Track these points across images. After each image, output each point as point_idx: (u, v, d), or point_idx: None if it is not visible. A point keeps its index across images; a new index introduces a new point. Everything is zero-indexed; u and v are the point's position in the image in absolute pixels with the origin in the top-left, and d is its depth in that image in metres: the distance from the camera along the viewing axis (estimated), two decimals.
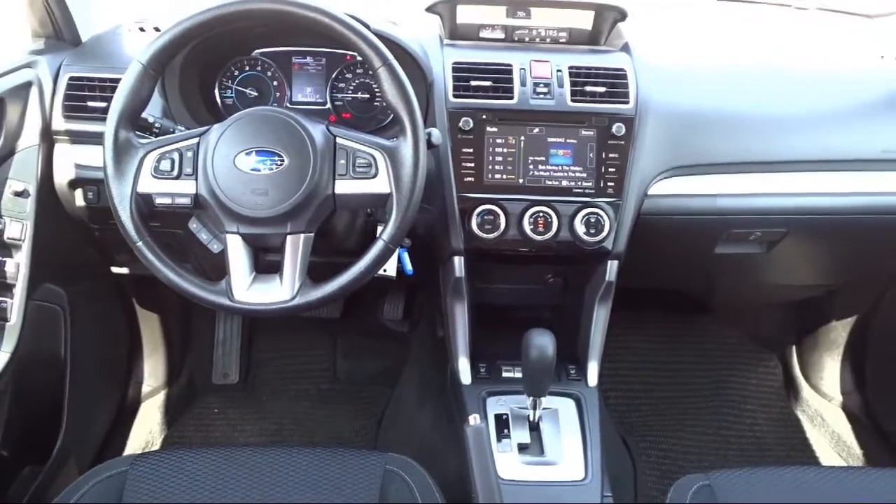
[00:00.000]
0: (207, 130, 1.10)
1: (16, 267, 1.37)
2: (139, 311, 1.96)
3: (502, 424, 1.34)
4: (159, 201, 1.09)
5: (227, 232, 1.09)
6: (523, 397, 1.30)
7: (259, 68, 1.45)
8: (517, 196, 1.35)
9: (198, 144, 1.09)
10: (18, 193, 1.37)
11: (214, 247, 1.19)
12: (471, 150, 1.34)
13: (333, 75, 1.45)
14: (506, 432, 1.32)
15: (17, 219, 1.37)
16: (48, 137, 1.40)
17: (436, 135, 1.16)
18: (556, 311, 1.63)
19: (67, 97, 1.38)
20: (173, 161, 1.09)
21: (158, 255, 1.09)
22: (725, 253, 1.51)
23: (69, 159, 1.40)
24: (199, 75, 1.40)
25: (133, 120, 1.10)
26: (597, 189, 1.35)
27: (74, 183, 1.42)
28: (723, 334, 2.21)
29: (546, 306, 1.66)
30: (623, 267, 1.42)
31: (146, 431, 1.91)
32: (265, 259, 1.15)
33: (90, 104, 1.37)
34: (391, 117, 1.44)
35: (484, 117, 1.34)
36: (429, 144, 1.12)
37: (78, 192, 1.43)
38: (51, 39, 1.49)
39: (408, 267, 1.35)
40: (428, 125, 1.21)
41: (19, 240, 1.36)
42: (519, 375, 1.42)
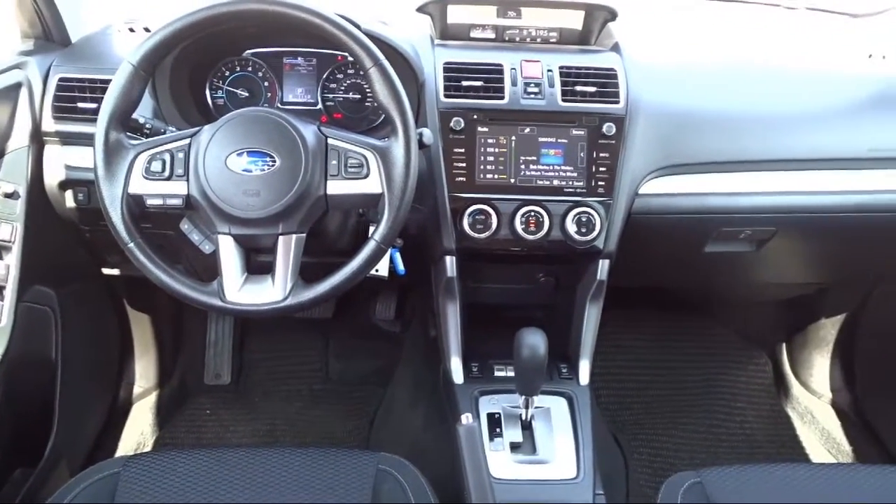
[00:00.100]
0: (198, 131, 1.10)
1: (6, 269, 1.36)
2: (130, 313, 1.95)
3: (494, 423, 1.34)
4: (150, 202, 1.09)
5: (219, 233, 1.09)
6: (515, 396, 1.31)
7: (250, 69, 1.45)
8: (509, 196, 1.35)
9: (189, 145, 1.09)
10: (8, 195, 1.36)
11: (206, 248, 1.19)
12: (462, 150, 1.34)
13: (324, 76, 1.45)
14: (498, 431, 1.33)
15: (7, 220, 1.36)
16: (38, 139, 1.39)
17: (427, 135, 1.16)
18: (548, 311, 1.64)
19: (57, 98, 1.37)
20: (164, 162, 1.08)
21: (150, 257, 1.09)
22: (716, 251, 1.52)
23: (59, 160, 1.40)
24: (190, 76, 1.40)
25: (124, 121, 1.10)
26: (588, 188, 1.35)
27: (65, 184, 1.41)
28: (713, 332, 2.22)
29: (538, 305, 1.67)
30: (614, 266, 1.42)
31: (138, 433, 1.91)
32: (257, 260, 1.15)
33: (80, 105, 1.36)
34: (382, 117, 1.44)
35: (475, 117, 1.34)
36: (420, 144, 1.12)
37: (68, 194, 1.42)
38: (40, 40, 1.48)
39: (400, 267, 1.36)
40: (419, 125, 1.21)
41: (9, 242, 1.36)
42: (511, 374, 1.42)
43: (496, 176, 1.35)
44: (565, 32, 1.50)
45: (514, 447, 1.30)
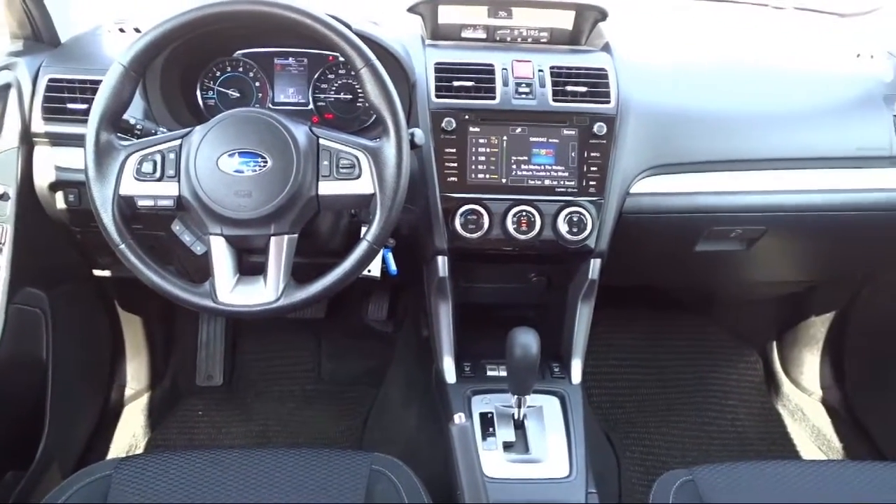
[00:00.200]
0: (190, 132, 1.10)
1: None
2: (121, 314, 1.94)
3: (487, 423, 1.34)
4: (141, 203, 1.09)
5: (211, 234, 1.09)
6: (508, 396, 1.31)
7: (241, 69, 1.44)
8: (500, 196, 1.35)
9: (180, 146, 1.09)
10: None
11: (198, 248, 1.19)
12: (454, 151, 1.34)
13: (316, 76, 1.45)
14: (491, 431, 1.33)
15: None
16: (28, 140, 1.38)
17: (419, 135, 1.16)
18: (540, 310, 1.64)
19: (47, 99, 1.36)
20: (155, 163, 1.08)
21: (141, 258, 1.09)
22: (706, 250, 1.53)
23: (49, 162, 1.39)
24: (181, 76, 1.39)
25: (114, 122, 1.09)
26: (579, 188, 1.36)
27: (55, 185, 1.40)
28: (704, 331, 2.23)
29: (530, 305, 1.67)
30: (606, 265, 1.43)
31: (130, 435, 1.90)
32: (249, 260, 1.15)
33: (70, 106, 1.36)
34: (374, 118, 1.44)
35: (466, 117, 1.34)
36: (412, 145, 1.13)
37: (59, 195, 1.42)
38: (29, 41, 1.47)
39: (392, 267, 1.36)
40: (411, 125, 1.22)
41: None
42: (503, 374, 1.43)
43: (488, 176, 1.35)
44: (556, 32, 1.51)
45: (507, 446, 1.31)
